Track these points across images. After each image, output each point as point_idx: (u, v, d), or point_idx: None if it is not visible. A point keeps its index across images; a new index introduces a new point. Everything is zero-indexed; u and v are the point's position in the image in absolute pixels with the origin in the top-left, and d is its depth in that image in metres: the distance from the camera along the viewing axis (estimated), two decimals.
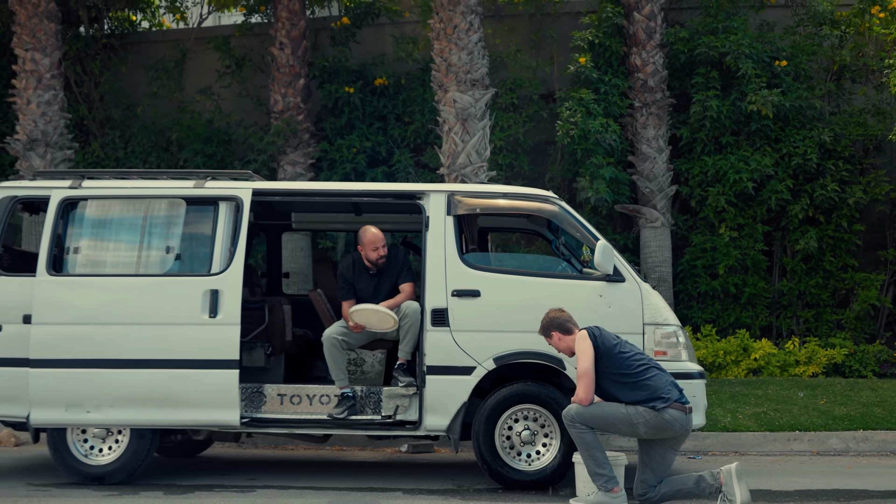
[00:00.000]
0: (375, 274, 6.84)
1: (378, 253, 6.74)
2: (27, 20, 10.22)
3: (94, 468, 6.48)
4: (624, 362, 5.66)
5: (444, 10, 10.03)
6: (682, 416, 5.59)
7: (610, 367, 5.67)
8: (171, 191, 6.70)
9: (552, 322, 5.84)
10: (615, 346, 5.71)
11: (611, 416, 5.64)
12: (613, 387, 5.68)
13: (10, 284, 6.59)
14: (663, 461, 5.68)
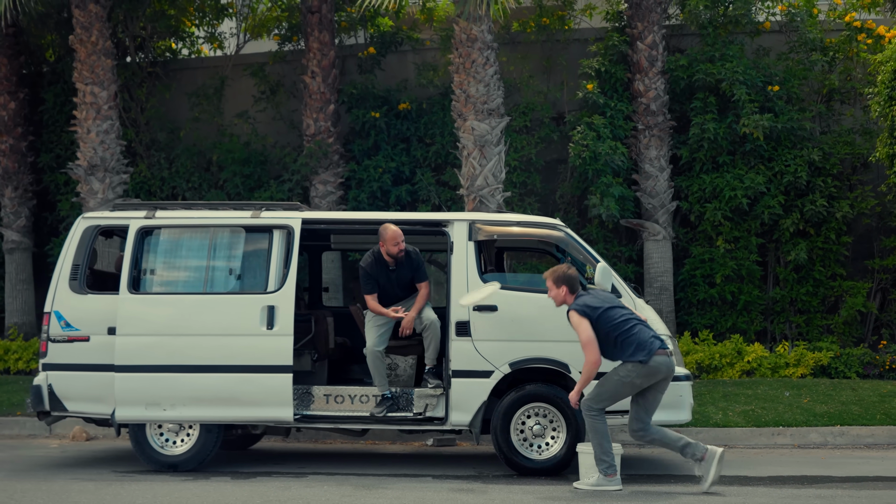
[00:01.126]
0: (394, 269, 7.82)
1: (399, 248, 7.71)
2: (86, 57, 11.48)
3: (170, 458, 7.71)
4: (610, 324, 6.80)
5: (462, 46, 11.21)
6: (666, 360, 6.84)
7: (599, 330, 6.81)
8: (232, 220, 7.91)
9: (568, 278, 6.97)
10: (602, 313, 6.83)
11: (614, 387, 6.80)
12: (604, 345, 6.83)
13: (96, 301, 7.81)
14: (654, 401, 6.89)
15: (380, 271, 7.83)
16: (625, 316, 6.94)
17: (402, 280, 7.89)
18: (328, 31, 12.86)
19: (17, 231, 13.24)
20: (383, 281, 7.85)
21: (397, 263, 7.83)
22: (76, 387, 7.74)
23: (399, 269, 7.86)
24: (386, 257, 7.79)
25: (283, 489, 6.82)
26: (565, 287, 7.01)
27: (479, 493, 6.71)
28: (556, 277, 7.04)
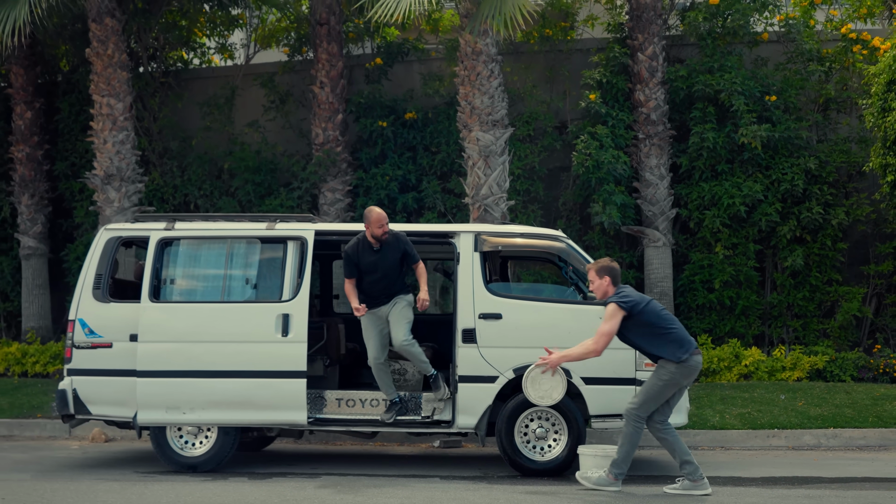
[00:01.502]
0: (378, 250, 7.99)
1: (383, 229, 7.91)
2: (103, 70, 11.88)
3: (189, 459, 8.11)
4: (655, 315, 7.11)
5: (468, 59, 11.60)
6: (700, 359, 7.22)
7: (642, 324, 7.11)
8: (248, 231, 8.31)
9: (611, 270, 7.27)
10: (646, 305, 7.14)
11: (659, 391, 7.10)
12: (644, 338, 7.13)
13: (119, 309, 8.22)
14: (678, 396, 7.26)
15: (363, 253, 8.00)
16: (665, 310, 7.32)
17: (388, 261, 8.02)
18: (336, 42, 13.25)
19: (34, 237, 13.64)
20: (366, 263, 8.00)
21: (382, 245, 8.00)
22: (100, 391, 8.14)
23: (384, 249, 8.01)
24: (370, 239, 7.99)
25: (299, 489, 7.21)
26: (608, 278, 7.26)
27: (485, 493, 7.10)
28: (598, 269, 7.30)
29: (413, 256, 8.11)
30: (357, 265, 8.05)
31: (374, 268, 8.04)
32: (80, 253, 13.75)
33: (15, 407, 11.10)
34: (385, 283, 8.10)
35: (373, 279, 8.07)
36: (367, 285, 8.10)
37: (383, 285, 8.10)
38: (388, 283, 8.11)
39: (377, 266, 8.04)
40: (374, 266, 8.04)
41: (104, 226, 8.63)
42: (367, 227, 7.99)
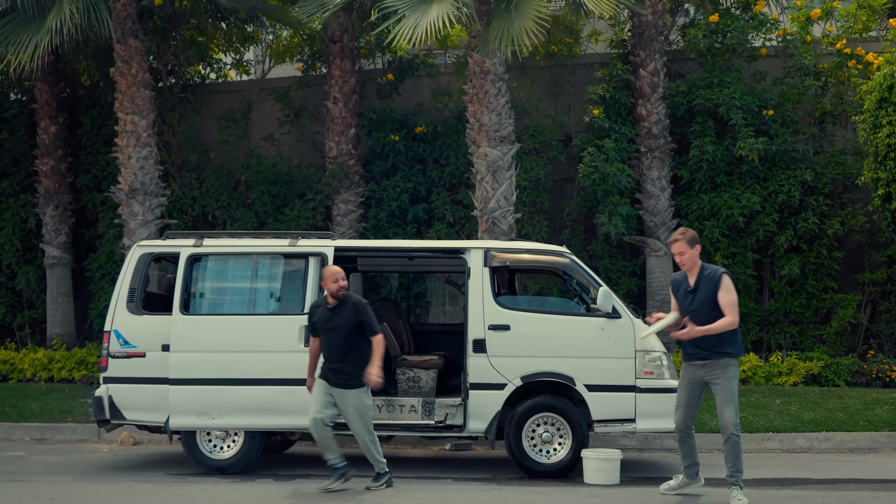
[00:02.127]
0: (332, 308, 7.83)
1: (339, 284, 7.80)
2: (127, 88, 12.51)
3: (218, 462, 8.73)
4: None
5: (476, 77, 12.21)
6: None
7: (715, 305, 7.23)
8: (272, 248, 8.93)
9: (697, 240, 7.42)
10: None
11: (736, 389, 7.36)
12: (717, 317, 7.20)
13: (151, 321, 8.84)
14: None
15: (318, 311, 7.90)
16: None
17: (344, 323, 7.76)
18: (349, 59, 13.87)
19: (58, 247, 14.28)
20: (321, 322, 7.84)
21: (338, 302, 7.84)
22: (133, 398, 8.76)
23: (341, 309, 7.82)
24: (329, 298, 7.88)
25: (322, 485, 7.83)
26: (698, 246, 7.40)
27: (496, 493, 7.72)
28: (690, 238, 7.36)
29: (372, 328, 7.83)
30: (314, 325, 7.93)
31: (325, 325, 7.84)
32: (103, 262, 14.43)
33: (45, 411, 11.73)
34: (339, 343, 7.80)
35: (327, 339, 7.85)
36: (322, 345, 7.93)
37: (338, 345, 7.80)
38: (346, 344, 7.80)
39: (329, 324, 7.83)
40: (325, 323, 7.84)
41: (137, 242, 9.24)
42: (323, 284, 7.93)
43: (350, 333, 7.80)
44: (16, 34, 11.55)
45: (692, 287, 7.41)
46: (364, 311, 7.85)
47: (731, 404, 7.37)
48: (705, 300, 7.31)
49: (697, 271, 7.44)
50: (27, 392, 12.54)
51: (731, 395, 7.38)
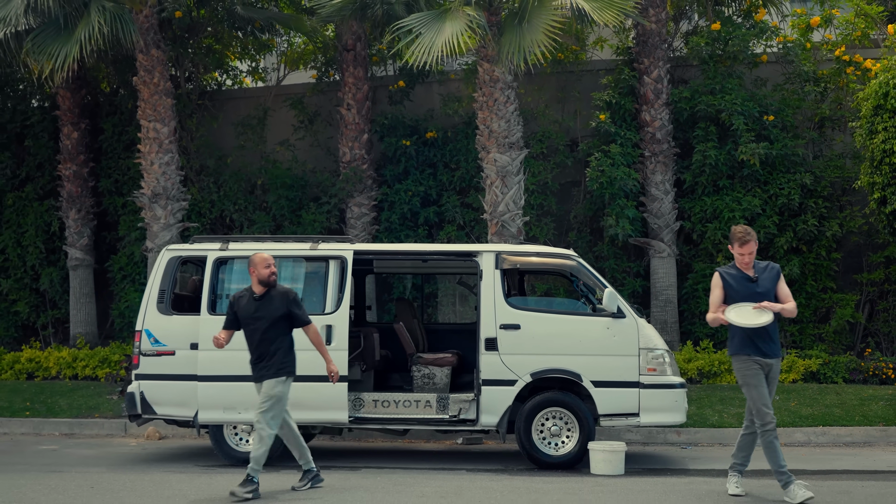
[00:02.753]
0: (259, 297, 7.81)
1: (271, 269, 7.80)
2: (149, 97, 13.08)
3: (243, 454, 9.26)
4: None
5: (486, 86, 12.74)
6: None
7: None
8: (294, 251, 9.48)
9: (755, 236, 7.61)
10: None
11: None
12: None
13: (180, 321, 9.40)
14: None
15: (241, 303, 7.85)
16: None
17: (272, 312, 7.78)
18: (362, 66, 14.42)
19: (81, 249, 14.86)
20: (246, 314, 7.81)
21: (267, 292, 7.86)
22: (164, 394, 9.33)
23: (269, 298, 7.82)
24: (256, 287, 7.86)
25: (344, 480, 8.39)
26: (755, 244, 7.57)
27: (507, 482, 8.27)
28: (755, 237, 7.66)
29: (300, 319, 7.84)
30: (236, 315, 7.88)
31: (253, 319, 7.78)
32: (123, 264, 15.00)
33: (73, 408, 12.30)
34: (264, 335, 7.81)
35: (251, 331, 7.83)
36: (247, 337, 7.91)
37: (263, 338, 7.82)
38: (269, 336, 7.82)
39: (254, 315, 7.79)
40: (253, 317, 7.78)
41: (166, 247, 9.79)
42: (253, 271, 7.85)
43: (276, 323, 7.74)
44: (46, 45, 12.11)
45: (753, 276, 7.64)
46: (296, 300, 7.82)
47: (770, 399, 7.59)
48: (768, 290, 7.60)
49: (752, 265, 7.71)
50: (54, 389, 13.11)
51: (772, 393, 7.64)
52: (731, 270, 7.76)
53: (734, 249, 7.64)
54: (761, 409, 7.44)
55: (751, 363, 7.51)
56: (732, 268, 7.76)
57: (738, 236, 7.62)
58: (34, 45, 12.19)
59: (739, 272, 7.68)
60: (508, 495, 7.63)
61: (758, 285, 7.59)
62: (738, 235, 7.62)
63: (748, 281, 7.61)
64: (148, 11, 12.92)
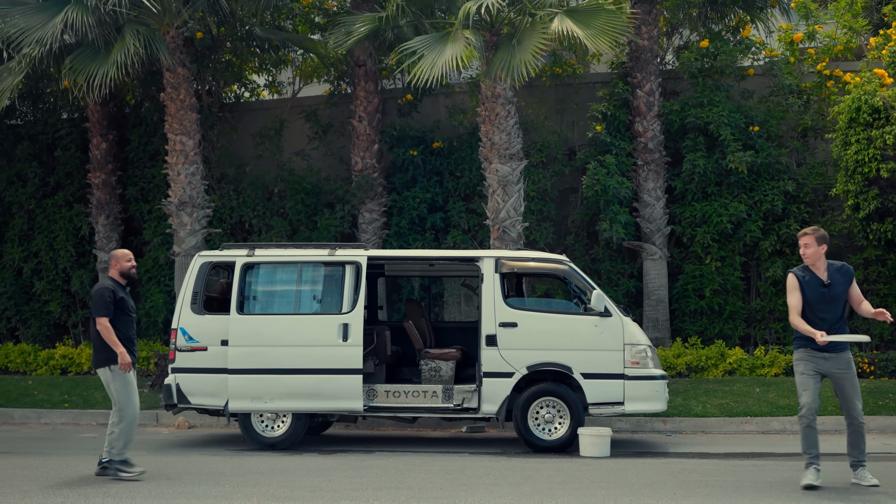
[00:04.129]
0: (125, 288, 8.84)
1: (132, 263, 8.90)
2: (176, 112, 14.29)
3: (269, 439, 10.50)
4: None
5: (488, 101, 13.93)
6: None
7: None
8: (314, 257, 10.69)
9: (827, 239, 7.90)
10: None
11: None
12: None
13: (212, 320, 10.60)
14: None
15: (118, 294, 8.73)
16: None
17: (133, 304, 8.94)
18: (373, 81, 15.62)
19: (109, 253, 16.06)
20: (125, 304, 8.75)
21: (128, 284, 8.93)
22: (197, 385, 10.54)
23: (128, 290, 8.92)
24: (120, 279, 8.85)
25: (361, 460, 9.60)
26: (825, 246, 7.87)
27: (505, 462, 9.47)
28: (819, 236, 7.88)
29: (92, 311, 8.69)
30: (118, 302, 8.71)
31: (127, 309, 8.79)
32: (149, 266, 16.23)
33: (107, 400, 13.43)
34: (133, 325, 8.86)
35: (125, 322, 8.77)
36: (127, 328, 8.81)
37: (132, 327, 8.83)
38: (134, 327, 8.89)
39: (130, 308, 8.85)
40: (127, 308, 8.79)
41: (198, 253, 11.01)
42: (116, 264, 8.86)
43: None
44: (85, 65, 13.31)
45: (826, 282, 7.87)
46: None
47: (859, 395, 8.07)
48: (839, 292, 7.90)
49: (825, 267, 7.94)
50: (87, 383, 14.34)
51: (857, 387, 8.08)
52: (803, 272, 7.96)
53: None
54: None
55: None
56: (804, 269, 7.97)
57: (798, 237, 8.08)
58: (73, 65, 13.39)
59: (813, 275, 7.91)
60: (506, 472, 8.82)
61: (830, 287, 7.86)
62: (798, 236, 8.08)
63: (821, 285, 7.87)
64: (174, 32, 14.12)
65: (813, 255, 7.91)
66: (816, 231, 7.96)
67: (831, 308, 7.94)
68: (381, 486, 8.00)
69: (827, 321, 7.91)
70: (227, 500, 7.29)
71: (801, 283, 7.92)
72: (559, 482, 8.20)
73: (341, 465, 9.23)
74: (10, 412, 13.42)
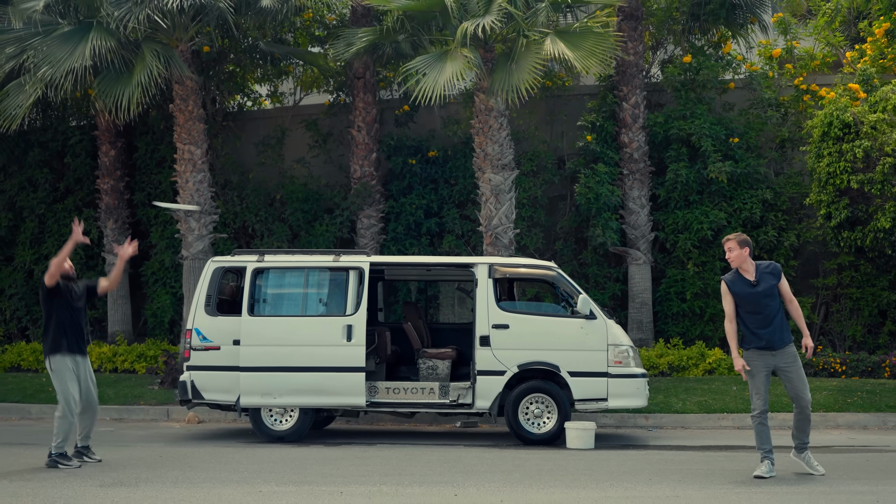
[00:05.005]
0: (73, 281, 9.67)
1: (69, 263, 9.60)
2: (185, 122, 15.15)
3: (278, 432, 11.37)
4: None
5: (482, 114, 14.83)
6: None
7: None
8: (320, 263, 11.57)
9: (751, 243, 8.65)
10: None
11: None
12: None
13: (224, 321, 11.47)
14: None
15: (69, 287, 9.59)
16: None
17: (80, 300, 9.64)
18: (371, 92, 16.52)
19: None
20: (75, 298, 9.63)
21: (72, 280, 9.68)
22: (210, 382, 11.40)
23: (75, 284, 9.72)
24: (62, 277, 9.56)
25: (364, 451, 10.50)
26: (748, 249, 8.57)
27: (497, 452, 10.37)
28: (741, 240, 8.58)
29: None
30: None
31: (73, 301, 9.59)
32: (155, 269, 17.09)
33: (120, 396, 14.40)
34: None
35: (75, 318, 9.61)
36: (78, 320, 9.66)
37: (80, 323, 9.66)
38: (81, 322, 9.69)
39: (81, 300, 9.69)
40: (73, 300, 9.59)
41: (211, 258, 11.88)
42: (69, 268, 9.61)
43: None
44: (111, 89, 14.12)
45: (754, 281, 8.56)
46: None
47: (806, 385, 8.73)
48: (767, 290, 8.55)
49: (753, 268, 8.62)
50: (100, 381, 15.04)
51: (804, 378, 8.73)
52: (732, 276, 8.68)
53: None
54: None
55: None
56: (734, 273, 8.69)
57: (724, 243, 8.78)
58: (99, 89, 14.25)
59: (740, 277, 8.62)
60: (498, 462, 9.73)
61: (758, 287, 8.56)
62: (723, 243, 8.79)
63: (749, 285, 8.56)
64: (184, 46, 14.98)
65: (737, 258, 8.59)
66: (738, 236, 8.67)
67: (763, 305, 8.58)
68: (386, 472, 8.90)
69: (762, 316, 8.61)
70: (248, 485, 8.17)
71: (730, 287, 8.63)
72: (547, 470, 9.11)
73: (347, 456, 10.13)
74: (28, 407, 14.26)
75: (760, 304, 8.57)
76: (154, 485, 8.22)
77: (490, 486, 8.19)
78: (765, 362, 8.73)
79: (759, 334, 8.66)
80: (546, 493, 7.86)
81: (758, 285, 8.60)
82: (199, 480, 8.43)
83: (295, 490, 7.96)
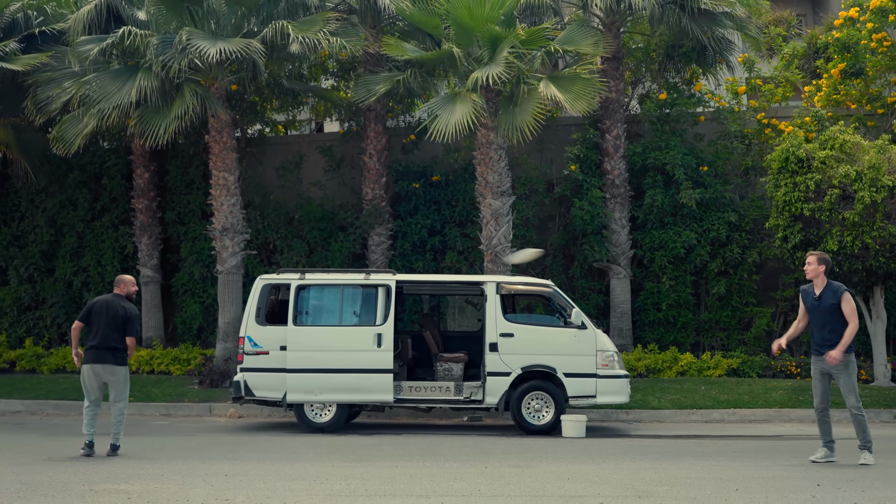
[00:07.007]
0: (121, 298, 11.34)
1: (135, 287, 11.53)
2: (219, 152, 17.47)
3: (318, 424, 13.73)
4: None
5: (483, 147, 17.28)
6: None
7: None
8: (352, 280, 13.96)
9: (829, 262, 10.00)
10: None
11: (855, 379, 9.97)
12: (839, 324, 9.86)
13: (272, 330, 13.80)
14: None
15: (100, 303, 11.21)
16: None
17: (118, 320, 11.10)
18: (381, 123, 18.92)
19: (151, 269, 19.22)
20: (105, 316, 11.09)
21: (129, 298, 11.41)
22: (260, 382, 13.73)
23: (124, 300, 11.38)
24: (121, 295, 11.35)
25: (396, 438, 12.90)
26: (825, 267, 9.86)
27: (504, 441, 12.82)
28: (820, 258, 9.91)
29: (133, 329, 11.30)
30: (90, 311, 11.21)
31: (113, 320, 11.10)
32: (185, 280, 19.39)
33: (165, 395, 16.69)
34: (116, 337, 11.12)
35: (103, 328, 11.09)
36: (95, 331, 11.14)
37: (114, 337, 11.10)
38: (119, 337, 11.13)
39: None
40: (112, 318, 11.10)
41: (260, 276, 14.21)
42: (123, 287, 11.33)
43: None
44: (151, 120, 16.44)
45: (817, 296, 9.97)
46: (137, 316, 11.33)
47: (851, 392, 9.86)
48: (827, 307, 9.91)
49: (822, 285, 10.03)
50: (142, 381, 17.47)
51: (852, 385, 9.87)
52: (807, 287, 10.17)
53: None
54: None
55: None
56: (809, 285, 10.16)
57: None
58: (141, 120, 16.55)
59: (811, 289, 10.15)
60: (509, 446, 12.17)
61: (820, 302, 10.01)
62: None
63: (813, 298, 10.08)
64: (218, 84, 17.31)
65: (812, 272, 10.12)
66: (820, 254, 10.12)
67: (821, 317, 10.04)
68: (422, 453, 11.31)
69: (819, 327, 10.12)
70: (319, 462, 10.53)
71: (801, 296, 10.31)
72: (551, 451, 11.58)
73: (384, 442, 12.53)
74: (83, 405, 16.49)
75: (819, 317, 10.04)
76: (244, 462, 10.56)
77: (509, 461, 10.63)
78: (819, 366, 10.19)
79: (815, 341, 10.19)
80: (554, 466, 10.31)
81: (820, 300, 10.03)
82: (276, 458, 10.80)
83: (358, 464, 10.35)
